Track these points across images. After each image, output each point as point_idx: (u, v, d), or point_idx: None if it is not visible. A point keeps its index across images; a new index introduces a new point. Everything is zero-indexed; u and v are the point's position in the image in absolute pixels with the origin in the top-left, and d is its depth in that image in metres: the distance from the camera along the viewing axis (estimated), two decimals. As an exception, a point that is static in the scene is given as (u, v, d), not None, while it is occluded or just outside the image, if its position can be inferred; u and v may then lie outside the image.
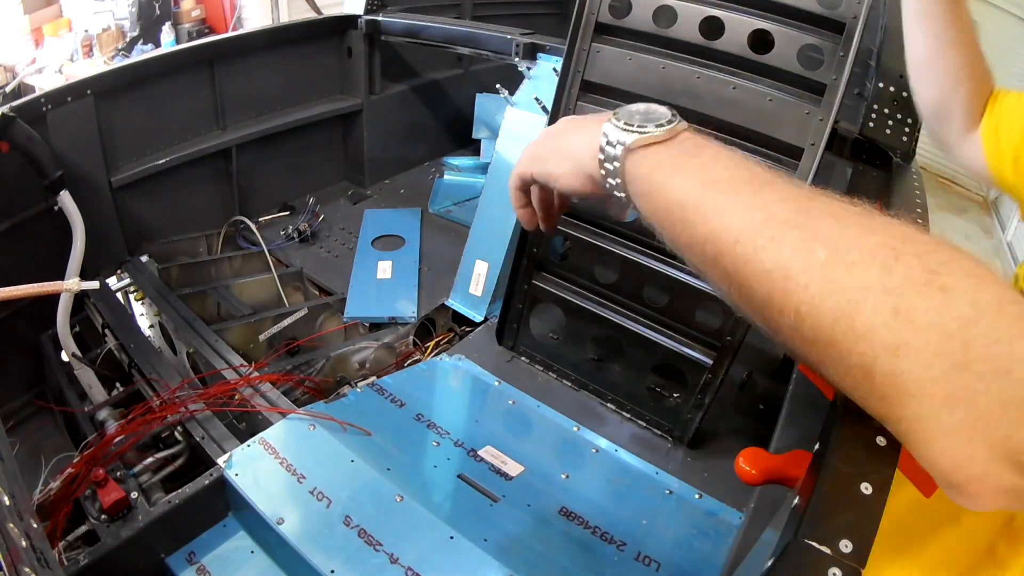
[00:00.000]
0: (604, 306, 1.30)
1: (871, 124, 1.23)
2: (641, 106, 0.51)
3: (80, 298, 1.49)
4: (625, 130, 0.48)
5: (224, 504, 1.07)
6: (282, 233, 1.91)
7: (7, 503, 0.57)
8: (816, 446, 0.52)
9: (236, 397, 1.23)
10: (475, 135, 2.41)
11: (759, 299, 0.40)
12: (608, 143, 0.49)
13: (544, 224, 0.65)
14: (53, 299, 1.40)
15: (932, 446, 0.35)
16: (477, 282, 1.59)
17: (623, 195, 0.51)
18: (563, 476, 1.16)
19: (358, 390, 1.29)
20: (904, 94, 1.06)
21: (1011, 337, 0.32)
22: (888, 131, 1.19)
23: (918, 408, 0.34)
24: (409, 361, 1.48)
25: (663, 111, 0.50)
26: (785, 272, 0.38)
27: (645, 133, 0.48)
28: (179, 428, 1.17)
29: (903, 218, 0.39)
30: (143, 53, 4.37)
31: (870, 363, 0.35)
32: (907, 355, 0.34)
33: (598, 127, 0.51)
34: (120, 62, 3.24)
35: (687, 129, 0.49)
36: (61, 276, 1.42)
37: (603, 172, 0.51)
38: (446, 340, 1.57)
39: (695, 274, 0.56)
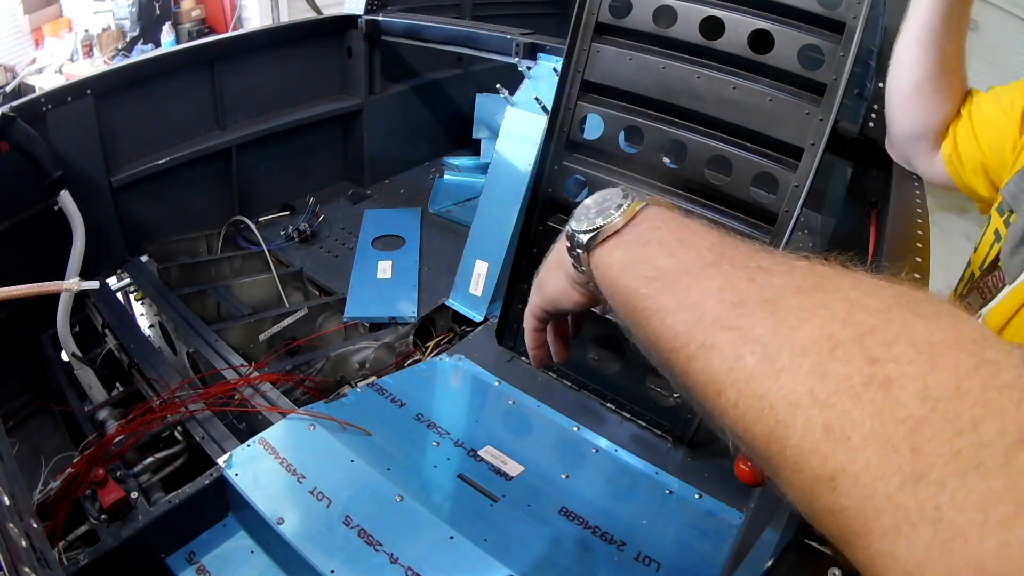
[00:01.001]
0: (604, 306, 1.30)
1: (871, 124, 1.23)
2: (596, 196, 0.48)
3: (80, 298, 1.49)
4: (580, 232, 0.46)
5: (224, 504, 1.07)
6: (282, 233, 1.91)
7: (7, 503, 0.57)
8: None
9: (236, 397, 1.23)
10: (475, 135, 2.41)
11: (706, 413, 0.36)
12: (572, 247, 0.48)
13: (559, 355, 0.64)
14: (53, 299, 1.40)
15: None
16: (477, 282, 1.59)
17: (604, 297, 0.48)
18: (563, 476, 1.16)
19: (358, 390, 1.29)
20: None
21: (975, 421, 0.25)
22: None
23: (867, 549, 0.26)
24: (409, 361, 1.48)
25: (613, 194, 0.47)
26: (717, 387, 0.33)
27: (596, 230, 0.45)
28: (179, 428, 1.17)
29: (857, 268, 0.34)
30: (143, 53, 4.37)
31: (809, 499, 0.29)
32: (844, 485, 0.27)
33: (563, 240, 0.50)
34: (120, 62, 3.24)
35: (647, 205, 0.45)
36: (61, 276, 1.42)
37: (581, 276, 0.49)
38: (446, 340, 1.57)
39: None
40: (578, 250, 0.47)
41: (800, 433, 0.28)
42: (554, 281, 0.55)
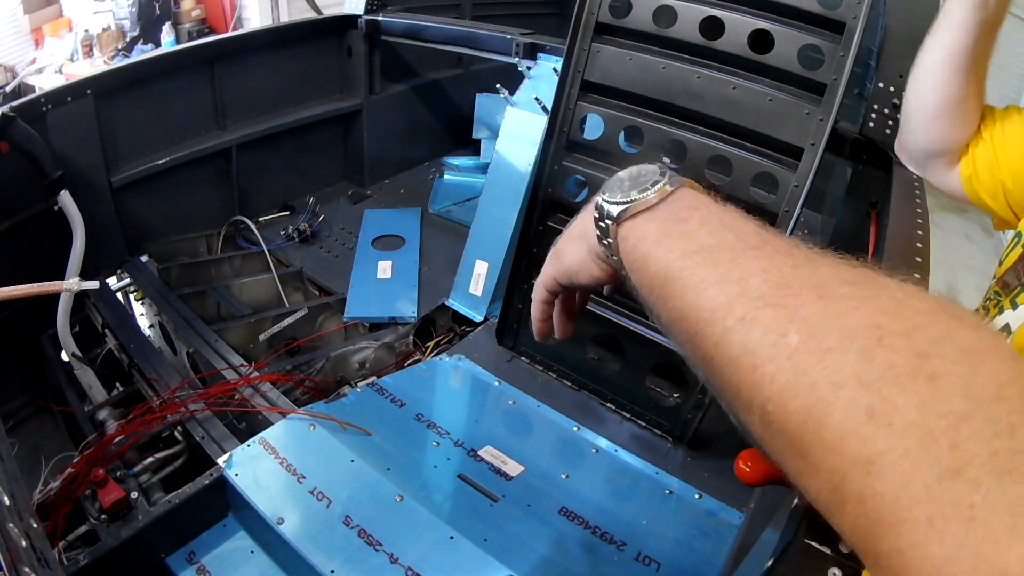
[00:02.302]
0: (604, 306, 1.30)
1: (871, 124, 1.23)
2: (632, 170, 0.48)
3: (80, 298, 1.49)
4: (611, 202, 0.46)
5: (224, 504, 1.07)
6: (282, 233, 1.91)
7: (7, 503, 0.57)
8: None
9: (236, 397, 1.23)
10: (475, 135, 2.41)
11: (731, 390, 0.35)
12: (600, 218, 0.47)
13: (564, 331, 0.63)
14: (53, 299, 1.40)
15: None
16: (477, 282, 1.59)
17: (625, 274, 0.47)
18: (563, 476, 1.16)
19: (358, 390, 1.29)
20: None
21: (1012, 427, 0.25)
22: (888, 131, 1.19)
23: (897, 539, 0.26)
24: (409, 361, 1.48)
25: (650, 171, 0.46)
26: (752, 359, 0.33)
27: (630, 203, 0.45)
28: (179, 428, 1.17)
29: (902, 276, 0.34)
30: (143, 53, 4.38)
31: (839, 483, 0.29)
32: (881, 471, 0.27)
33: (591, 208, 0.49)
34: (120, 62, 3.24)
35: (681, 186, 0.45)
36: (61, 276, 1.42)
37: (603, 251, 0.48)
38: (446, 340, 1.57)
39: None
40: (607, 221, 0.46)
41: (842, 413, 0.29)
42: (574, 252, 0.53)
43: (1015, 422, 0.25)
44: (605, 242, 0.48)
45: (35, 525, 0.68)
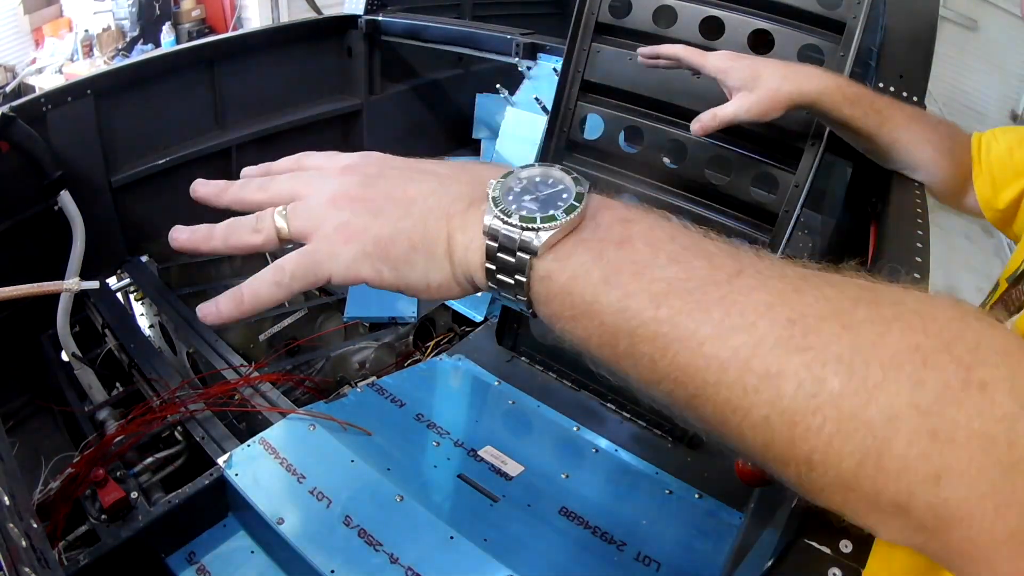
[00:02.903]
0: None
1: (871, 124, 1.23)
2: (523, 175, 0.37)
3: (80, 298, 1.49)
4: (522, 227, 0.34)
5: (224, 504, 1.07)
6: (282, 233, 1.91)
7: (7, 503, 0.57)
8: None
9: (236, 397, 1.23)
10: (475, 135, 2.41)
11: (756, 448, 0.32)
12: (501, 249, 0.35)
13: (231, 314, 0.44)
14: (53, 299, 1.40)
15: (983, 563, 0.29)
16: (477, 282, 1.59)
17: (523, 299, 0.36)
18: (563, 476, 1.16)
19: (358, 390, 1.29)
20: (904, 94, 1.06)
21: None
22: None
23: (967, 530, 0.28)
24: (409, 361, 1.48)
25: (558, 177, 0.37)
26: (790, 416, 0.30)
27: (554, 226, 0.34)
28: (179, 428, 1.17)
29: (901, 280, 0.33)
30: (143, 53, 4.38)
31: (905, 500, 0.29)
32: (950, 480, 0.28)
33: (474, 216, 0.37)
34: (120, 62, 3.24)
35: (592, 201, 0.36)
36: (61, 276, 1.42)
37: (494, 286, 0.37)
38: (446, 340, 1.57)
39: None
40: (522, 254, 0.34)
41: (905, 443, 0.28)
42: (429, 268, 0.39)
43: None
44: (506, 279, 0.36)
45: (35, 525, 0.68)
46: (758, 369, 0.30)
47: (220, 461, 1.06)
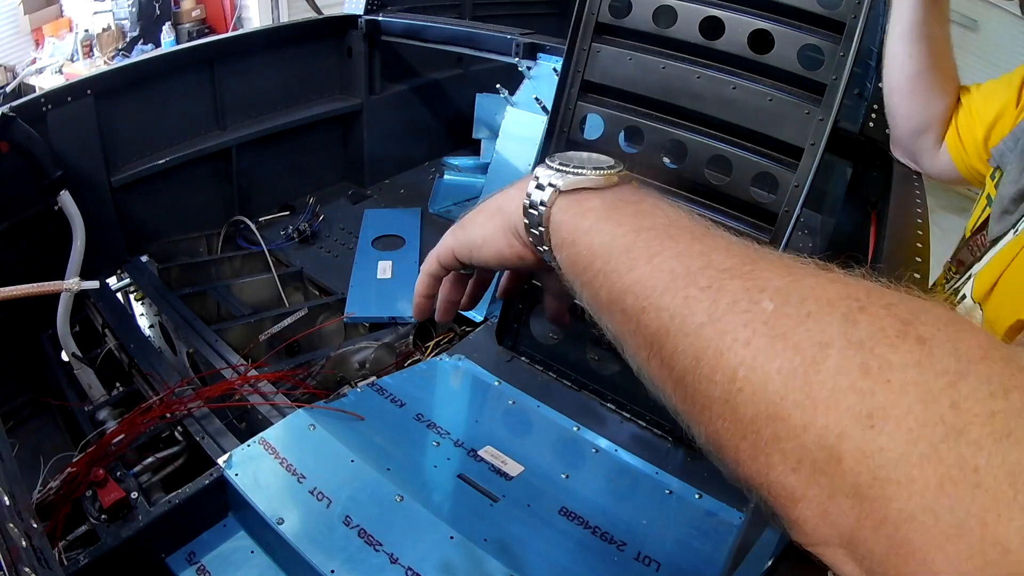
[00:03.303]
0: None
1: (871, 124, 1.23)
2: (584, 153, 0.46)
3: (80, 298, 1.49)
4: (558, 171, 0.43)
5: (224, 504, 1.07)
6: (282, 233, 1.91)
7: (7, 503, 0.57)
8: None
9: (236, 397, 1.23)
10: (475, 135, 2.41)
11: (683, 364, 0.33)
12: (537, 186, 0.43)
13: (444, 315, 0.59)
14: (53, 299, 1.40)
15: (934, 559, 0.24)
16: (477, 282, 1.58)
17: (545, 249, 0.43)
18: (563, 476, 1.16)
19: (358, 390, 1.29)
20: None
21: (1005, 388, 0.25)
22: (888, 131, 1.19)
23: (907, 501, 0.25)
24: (409, 361, 1.48)
25: (605, 158, 0.45)
26: (721, 325, 0.31)
27: (580, 175, 0.42)
28: (179, 428, 1.17)
29: (866, 277, 0.33)
30: (143, 53, 4.38)
31: (834, 442, 0.27)
32: (885, 424, 0.26)
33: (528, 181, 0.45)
34: (120, 62, 3.24)
35: (633, 181, 0.44)
36: (61, 276, 1.42)
37: (526, 222, 0.44)
38: (446, 340, 1.57)
39: None
40: (548, 187, 0.42)
41: (834, 370, 0.27)
42: (483, 224, 0.50)
43: (1007, 384, 0.25)
44: (533, 212, 0.43)
45: (35, 525, 0.68)
46: (702, 282, 0.33)
47: (220, 461, 1.06)
